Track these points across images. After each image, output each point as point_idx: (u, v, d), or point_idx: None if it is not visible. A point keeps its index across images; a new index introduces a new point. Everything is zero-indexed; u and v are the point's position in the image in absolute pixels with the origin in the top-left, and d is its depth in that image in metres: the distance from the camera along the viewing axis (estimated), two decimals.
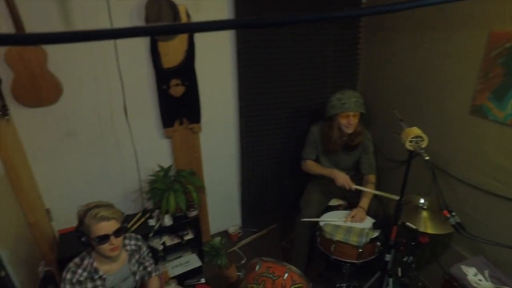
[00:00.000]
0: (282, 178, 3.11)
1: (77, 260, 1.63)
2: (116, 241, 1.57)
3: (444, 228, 1.87)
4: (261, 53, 2.54)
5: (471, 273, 1.92)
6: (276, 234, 3.18)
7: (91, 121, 2.29)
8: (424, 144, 1.60)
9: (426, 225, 1.92)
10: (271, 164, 2.99)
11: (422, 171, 2.31)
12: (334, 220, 2.26)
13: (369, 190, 2.28)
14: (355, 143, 2.34)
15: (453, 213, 1.58)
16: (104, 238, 1.53)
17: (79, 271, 1.60)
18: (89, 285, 1.62)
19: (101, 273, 1.63)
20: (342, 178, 2.28)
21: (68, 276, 1.58)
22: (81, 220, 1.53)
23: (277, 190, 3.14)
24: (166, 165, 2.57)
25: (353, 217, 2.24)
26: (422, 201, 2.05)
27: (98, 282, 1.63)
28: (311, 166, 2.54)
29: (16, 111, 2.05)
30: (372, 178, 2.45)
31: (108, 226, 1.53)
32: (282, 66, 2.64)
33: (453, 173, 2.11)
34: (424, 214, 1.99)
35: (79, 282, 1.59)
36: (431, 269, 2.39)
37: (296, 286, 1.96)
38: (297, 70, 2.72)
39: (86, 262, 1.62)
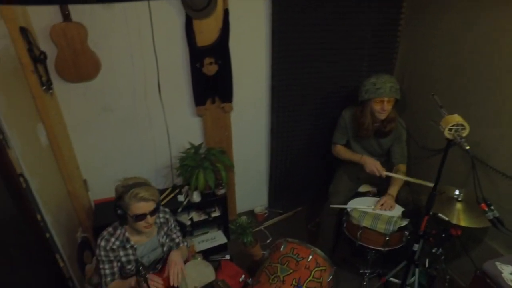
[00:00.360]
0: (311, 161, 3.08)
1: (110, 229, 1.73)
2: (152, 220, 1.65)
3: (479, 222, 1.79)
4: (297, 32, 2.47)
5: (507, 271, 1.84)
6: (302, 217, 3.19)
7: (126, 97, 2.36)
8: (465, 133, 1.52)
9: (459, 217, 1.85)
10: (301, 147, 2.97)
11: (459, 161, 2.20)
12: (362, 208, 2.23)
13: (400, 176, 2.21)
14: (388, 129, 2.26)
15: (492, 207, 1.51)
16: (142, 217, 1.61)
17: (112, 239, 1.70)
18: (121, 253, 1.72)
19: (132, 243, 1.73)
20: (372, 164, 2.23)
21: (103, 243, 1.68)
22: (120, 196, 1.60)
23: (306, 173, 3.13)
24: (196, 143, 2.62)
25: (382, 205, 2.19)
26: (457, 192, 1.96)
27: (130, 251, 1.72)
28: (340, 151, 2.49)
29: (58, 85, 2.15)
30: (402, 167, 2.38)
31: (146, 207, 1.60)
32: (317, 47, 2.57)
33: (495, 165, 1.99)
34: (458, 206, 1.92)
35: (112, 249, 1.69)
36: (461, 263, 2.31)
37: (320, 268, 1.97)
38: (332, 52, 2.63)
39: (118, 232, 1.71)
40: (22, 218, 1.83)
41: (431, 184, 1.66)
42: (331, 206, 2.30)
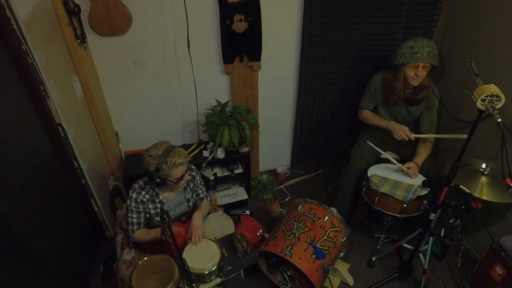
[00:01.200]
0: (336, 125, 3.07)
1: (141, 183, 1.86)
2: (187, 177, 1.81)
3: (502, 197, 1.77)
4: None
5: None
6: (322, 179, 3.25)
7: (156, 52, 2.40)
8: (499, 105, 1.45)
9: (482, 191, 1.83)
10: (327, 109, 2.95)
11: (492, 134, 2.12)
12: (390, 164, 2.25)
13: (431, 135, 2.16)
14: (420, 97, 2.18)
15: None
16: (181, 178, 1.77)
17: (143, 193, 1.83)
18: (150, 205, 1.86)
19: (161, 197, 1.86)
20: (400, 129, 2.19)
21: (134, 195, 1.82)
22: (158, 168, 1.69)
23: (330, 136, 3.13)
24: (223, 100, 2.66)
25: (409, 168, 2.18)
26: (484, 166, 1.92)
27: (158, 205, 1.86)
28: (367, 116, 2.46)
29: (91, 39, 2.20)
30: (428, 143, 2.32)
31: (183, 169, 1.76)
32: (352, 7, 2.44)
33: None
34: (483, 179, 1.88)
35: (142, 201, 1.83)
36: (479, 236, 2.31)
37: (335, 229, 2.04)
38: (368, 11, 2.50)
39: (148, 187, 1.84)
40: (61, 165, 1.99)
41: (464, 136, 1.61)
42: (367, 142, 2.33)
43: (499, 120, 1.40)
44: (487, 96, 1.44)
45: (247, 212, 2.67)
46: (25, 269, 1.52)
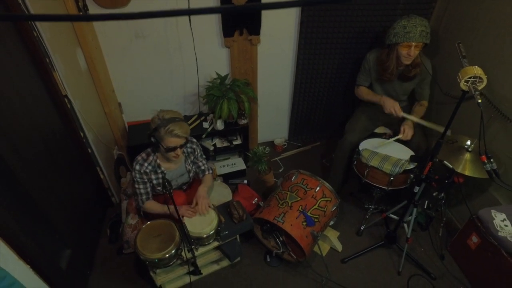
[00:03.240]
0: (333, 99, 3.14)
1: (143, 155, 1.96)
2: (180, 152, 1.86)
3: (482, 173, 1.87)
4: None
5: (499, 218, 1.97)
6: (318, 151, 3.36)
7: (157, 25, 2.43)
8: (481, 86, 1.53)
9: (465, 166, 1.94)
10: (325, 84, 3.01)
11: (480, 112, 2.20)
12: (382, 139, 2.38)
13: (415, 119, 2.25)
14: (412, 74, 2.26)
15: (492, 160, 1.58)
16: (172, 149, 1.82)
17: (145, 164, 1.94)
18: (153, 176, 1.98)
19: (162, 168, 1.97)
20: (391, 105, 2.27)
21: (137, 167, 1.93)
22: (156, 128, 1.78)
23: (327, 110, 3.21)
24: (223, 73, 2.72)
25: (404, 132, 2.28)
26: (468, 142, 2.02)
27: (160, 175, 1.97)
28: (363, 92, 2.53)
29: (93, 11, 2.24)
30: (425, 103, 2.44)
31: (178, 142, 1.81)
32: None
33: None
34: (467, 156, 1.99)
35: (146, 172, 1.95)
36: (462, 208, 2.45)
37: (325, 199, 2.18)
38: None
39: (151, 158, 1.95)
40: (68, 136, 2.10)
41: (442, 128, 1.72)
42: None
43: (479, 101, 1.48)
44: (470, 78, 1.51)
45: (245, 181, 2.81)
46: (41, 231, 1.67)
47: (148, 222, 1.92)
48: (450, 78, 2.48)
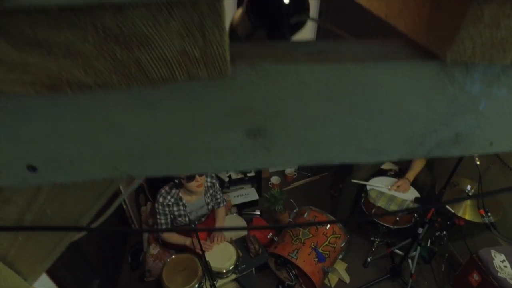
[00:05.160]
0: None
1: (167, 188, 2.14)
2: (201, 179, 2.03)
3: (481, 219, 2.03)
4: None
5: (498, 258, 2.12)
6: (327, 181, 3.53)
7: None
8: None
9: (465, 210, 2.09)
10: None
11: (481, 157, 2.36)
12: (380, 186, 2.50)
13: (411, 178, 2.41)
14: None
15: (489, 214, 1.74)
16: (192, 177, 1.99)
17: (168, 197, 2.11)
18: (175, 208, 2.15)
19: (184, 201, 2.15)
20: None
21: (161, 199, 2.11)
22: None
23: None
24: None
25: (398, 187, 2.44)
26: (469, 187, 2.17)
27: (181, 208, 2.15)
28: None
29: None
30: None
31: None
32: None
33: None
34: (467, 201, 2.14)
35: (168, 205, 2.12)
36: (464, 244, 2.59)
37: (335, 236, 2.34)
38: None
39: (174, 191, 2.12)
40: None
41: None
42: (352, 180, 2.59)
43: (478, 163, 1.65)
44: None
45: (257, 212, 2.97)
46: (76, 262, 1.84)
47: (173, 256, 2.09)
48: None
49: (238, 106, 0.28)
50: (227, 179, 3.04)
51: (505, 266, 2.06)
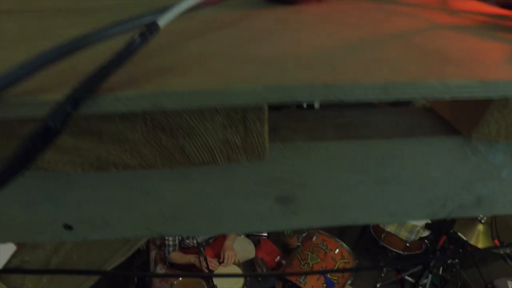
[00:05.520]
0: None
1: None
2: None
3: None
4: None
5: None
6: None
7: None
8: None
9: (478, 238, 2.06)
10: None
11: None
12: None
13: None
14: None
15: (504, 243, 1.71)
16: None
17: None
18: None
19: None
20: None
21: None
22: None
23: None
24: None
25: None
26: (481, 215, 2.15)
27: None
28: None
29: None
30: None
31: None
32: None
33: None
34: (480, 227, 2.11)
35: None
36: (477, 271, 2.53)
37: (344, 261, 2.31)
38: None
39: None
40: None
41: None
42: None
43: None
44: None
45: (265, 233, 2.94)
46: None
47: (180, 279, 2.07)
48: None
49: (270, 177, 0.29)
50: None
51: None
